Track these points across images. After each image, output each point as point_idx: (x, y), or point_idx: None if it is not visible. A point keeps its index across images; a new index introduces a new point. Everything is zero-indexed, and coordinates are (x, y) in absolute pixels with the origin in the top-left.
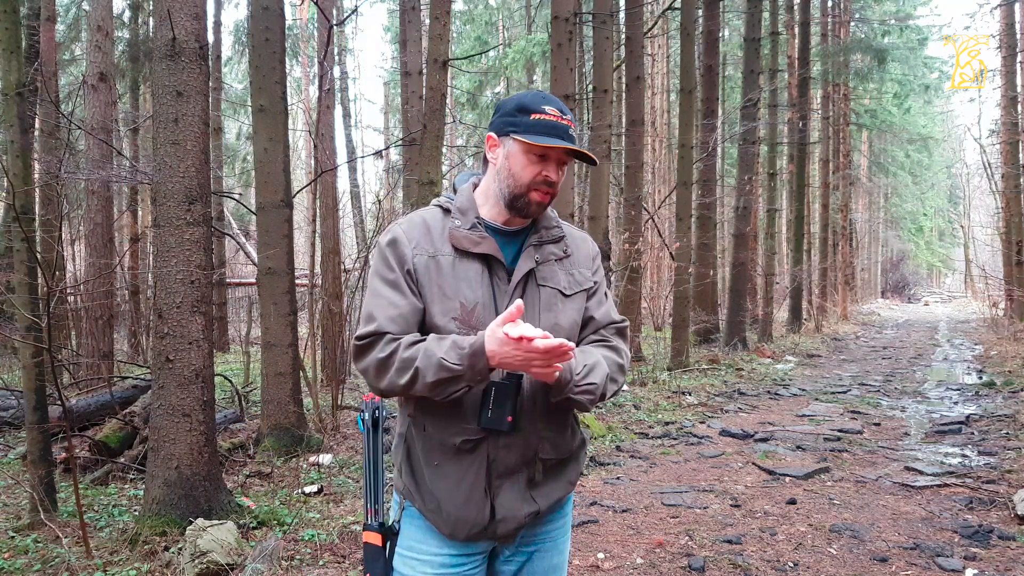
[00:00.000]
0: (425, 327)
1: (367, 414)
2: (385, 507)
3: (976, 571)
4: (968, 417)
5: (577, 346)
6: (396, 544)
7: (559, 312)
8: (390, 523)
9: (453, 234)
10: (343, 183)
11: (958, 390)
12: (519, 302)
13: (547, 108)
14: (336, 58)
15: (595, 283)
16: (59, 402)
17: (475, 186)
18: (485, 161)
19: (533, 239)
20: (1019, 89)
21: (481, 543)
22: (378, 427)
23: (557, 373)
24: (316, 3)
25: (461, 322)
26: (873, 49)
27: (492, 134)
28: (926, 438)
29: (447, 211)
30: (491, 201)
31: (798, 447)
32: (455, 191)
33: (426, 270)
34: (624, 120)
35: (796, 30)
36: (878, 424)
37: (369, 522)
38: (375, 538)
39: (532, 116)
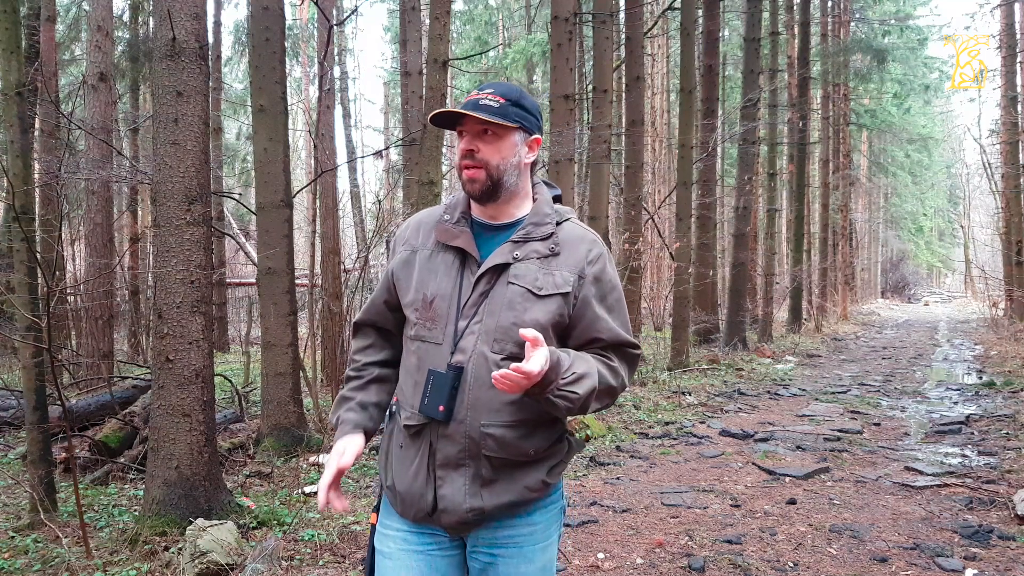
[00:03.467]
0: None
1: None
2: None
3: (976, 571)
4: (968, 417)
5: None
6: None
7: (523, 312)
8: None
9: (439, 227)
10: (343, 183)
11: (958, 390)
12: None
13: (470, 94)
14: (336, 58)
15: (579, 291)
16: (59, 402)
17: None
18: None
19: (517, 235)
20: (1019, 89)
21: (436, 527)
22: (394, 418)
23: (544, 369)
24: (316, 3)
25: (420, 314)
26: (873, 49)
27: None
28: (926, 438)
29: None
30: None
31: (798, 447)
32: None
33: (404, 265)
34: (624, 120)
35: (796, 30)
36: (878, 424)
37: (376, 504)
38: (373, 518)
39: None
